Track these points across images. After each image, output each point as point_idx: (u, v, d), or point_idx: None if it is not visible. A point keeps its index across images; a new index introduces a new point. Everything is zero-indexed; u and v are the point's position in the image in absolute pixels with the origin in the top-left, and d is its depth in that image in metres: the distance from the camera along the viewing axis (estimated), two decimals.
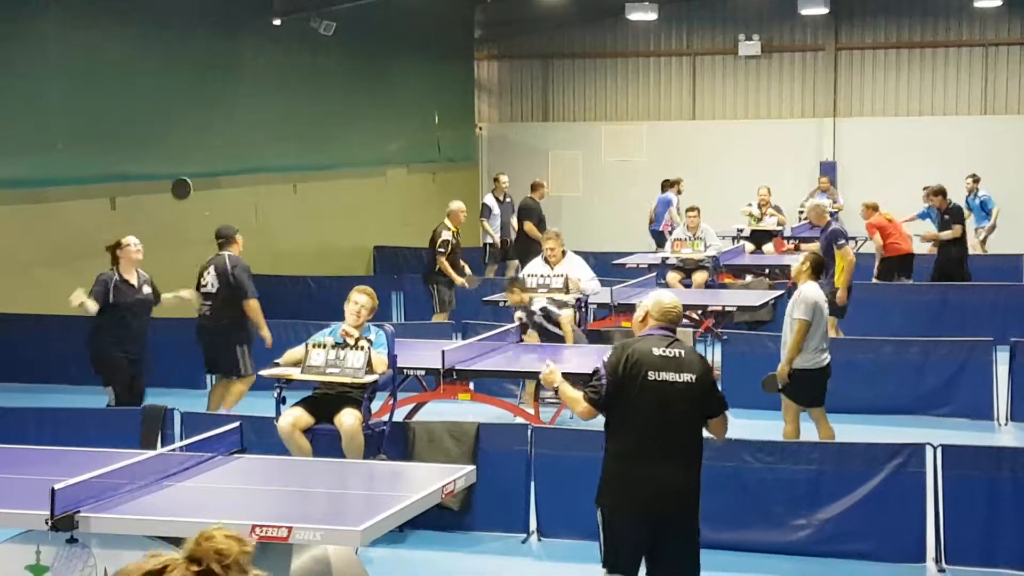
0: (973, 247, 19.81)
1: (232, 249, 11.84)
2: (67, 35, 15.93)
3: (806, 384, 9.97)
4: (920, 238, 17.81)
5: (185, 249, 17.68)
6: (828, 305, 13.73)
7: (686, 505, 6.44)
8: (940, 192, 17.45)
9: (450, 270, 15.38)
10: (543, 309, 12.20)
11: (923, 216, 19.09)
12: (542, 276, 12.92)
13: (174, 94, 17.73)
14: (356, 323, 9.34)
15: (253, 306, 11.67)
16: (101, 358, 11.13)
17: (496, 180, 19.74)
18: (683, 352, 6.50)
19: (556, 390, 6.86)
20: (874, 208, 16.48)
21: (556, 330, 12.15)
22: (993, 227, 20.60)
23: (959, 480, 8.23)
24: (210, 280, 11.65)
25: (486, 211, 19.35)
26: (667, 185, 21.62)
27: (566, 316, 12.56)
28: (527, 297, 12.36)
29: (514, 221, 19.30)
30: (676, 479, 6.37)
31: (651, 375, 6.36)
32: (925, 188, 18.58)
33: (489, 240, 19.44)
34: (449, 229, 15.53)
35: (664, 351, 6.44)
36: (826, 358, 10.05)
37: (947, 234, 17.17)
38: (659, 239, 21.13)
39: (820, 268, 10.50)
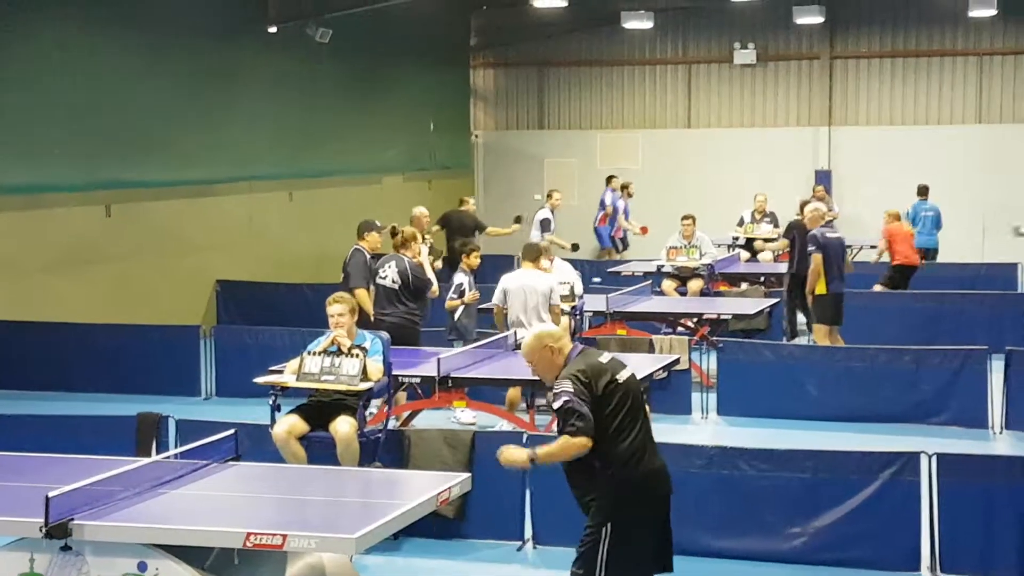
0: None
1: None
2: (64, 42, 15.91)
3: None
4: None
5: (180, 256, 17.72)
6: (817, 311, 13.98)
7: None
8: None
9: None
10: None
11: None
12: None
13: (170, 101, 17.71)
14: (342, 333, 9.37)
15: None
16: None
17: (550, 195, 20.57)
18: (612, 355, 6.78)
19: (533, 459, 6.44)
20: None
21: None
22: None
23: (954, 488, 8.23)
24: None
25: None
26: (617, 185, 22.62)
27: (563, 324, 12.54)
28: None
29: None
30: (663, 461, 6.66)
31: (618, 377, 6.50)
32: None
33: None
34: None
35: (604, 358, 6.62)
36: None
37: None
38: (613, 243, 22.29)
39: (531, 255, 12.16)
